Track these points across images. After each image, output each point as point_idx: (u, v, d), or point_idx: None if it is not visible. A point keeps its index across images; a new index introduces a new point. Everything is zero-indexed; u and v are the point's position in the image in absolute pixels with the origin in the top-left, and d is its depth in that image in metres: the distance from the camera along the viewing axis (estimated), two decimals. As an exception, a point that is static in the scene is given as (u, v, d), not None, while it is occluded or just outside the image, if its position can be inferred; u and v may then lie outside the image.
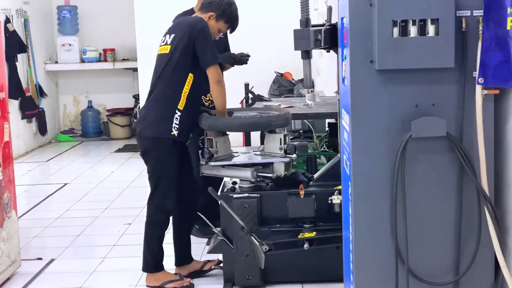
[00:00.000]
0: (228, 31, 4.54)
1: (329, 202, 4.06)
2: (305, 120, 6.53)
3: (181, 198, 4.34)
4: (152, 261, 4.31)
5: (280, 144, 4.21)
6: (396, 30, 2.83)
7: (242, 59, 5.20)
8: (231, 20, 4.36)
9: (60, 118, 11.06)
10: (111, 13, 10.64)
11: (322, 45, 3.95)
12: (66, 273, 4.68)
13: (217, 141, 4.25)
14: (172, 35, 4.22)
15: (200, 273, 4.48)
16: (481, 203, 2.89)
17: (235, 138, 5.65)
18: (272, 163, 4.23)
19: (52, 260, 4.92)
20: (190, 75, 4.13)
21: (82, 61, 10.63)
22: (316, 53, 6.63)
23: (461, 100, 2.89)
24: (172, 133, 4.11)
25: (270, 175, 4.21)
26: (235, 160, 4.31)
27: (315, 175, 4.38)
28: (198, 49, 4.11)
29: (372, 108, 2.92)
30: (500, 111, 2.93)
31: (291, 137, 6.89)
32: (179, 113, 4.11)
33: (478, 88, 2.86)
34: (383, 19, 2.83)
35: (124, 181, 7.40)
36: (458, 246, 2.96)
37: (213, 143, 4.24)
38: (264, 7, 8.82)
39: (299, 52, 4.35)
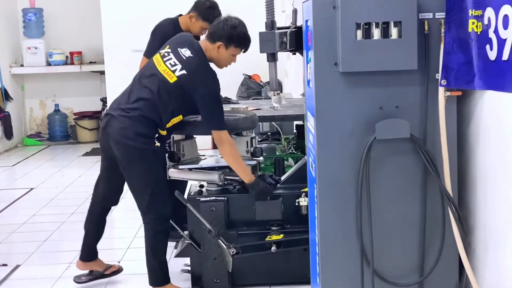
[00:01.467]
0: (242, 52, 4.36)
1: (296, 204, 4.07)
2: (273, 122, 6.55)
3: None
4: (162, 273, 4.15)
5: (247, 147, 4.21)
6: (359, 33, 2.85)
7: None
8: (240, 42, 4.10)
9: (26, 122, 10.94)
10: (77, 16, 10.55)
11: (288, 47, 3.96)
12: (31, 279, 4.62)
13: (184, 144, 4.23)
14: (183, 71, 3.98)
15: (101, 276, 4.48)
16: (445, 204, 2.91)
17: (204, 140, 5.65)
18: None
19: (17, 266, 4.86)
20: (180, 116, 4.06)
21: (49, 64, 10.52)
22: (283, 55, 6.66)
23: (424, 102, 2.92)
24: (156, 144, 4.00)
25: (237, 178, 4.20)
26: (202, 163, 4.29)
27: (282, 178, 4.38)
28: (203, 111, 3.97)
29: (337, 111, 2.93)
30: (463, 112, 2.96)
31: (259, 140, 6.94)
32: (157, 134, 4.01)
33: (441, 90, 2.88)
34: (346, 21, 2.84)
35: (91, 185, 7.11)
36: (422, 247, 2.99)
37: (180, 146, 4.22)
38: (232, 9, 8.81)
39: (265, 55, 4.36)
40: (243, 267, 4.18)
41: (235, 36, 4.06)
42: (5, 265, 4.88)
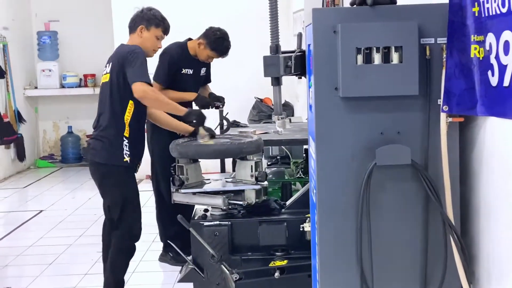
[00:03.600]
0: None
1: (301, 230, 4.02)
2: (282, 146, 6.52)
3: None
4: None
5: (251, 171, 4.18)
6: (360, 58, 2.82)
7: (211, 103, 5.26)
8: (159, 22, 4.49)
9: (39, 143, 10.99)
10: (91, 39, 10.62)
11: (293, 71, 3.94)
12: (35, 303, 4.60)
13: (188, 168, 4.21)
14: (110, 64, 4.25)
15: None
16: (447, 232, 2.86)
17: (213, 164, 5.64)
18: (243, 191, 4.19)
19: (22, 290, 4.85)
20: (131, 102, 4.12)
21: (62, 86, 10.58)
22: (294, 79, 6.64)
23: (426, 127, 2.87)
24: (125, 159, 4.10)
25: (241, 202, 4.17)
26: (206, 188, 4.26)
27: (287, 203, 4.34)
28: (126, 69, 4.11)
29: (337, 136, 2.90)
30: (465, 139, 2.91)
31: (268, 163, 6.91)
32: (126, 141, 4.09)
33: (443, 116, 2.84)
34: (347, 46, 2.81)
35: (101, 207, 7.28)
36: (424, 275, 2.93)
37: (183, 170, 4.20)
38: (244, 33, 8.83)
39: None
40: (246, 293, 4.13)
41: (152, 17, 4.43)
42: (10, 288, 4.87)
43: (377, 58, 2.81)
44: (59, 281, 5.05)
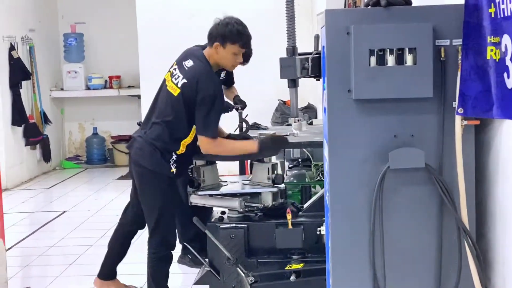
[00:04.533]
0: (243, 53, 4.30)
1: (318, 233, 3.99)
2: (303, 149, 6.47)
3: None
4: None
5: (268, 174, 4.15)
6: (373, 59, 2.78)
7: (231, 107, 5.15)
8: (236, 38, 4.10)
9: (65, 145, 11.07)
10: (116, 41, 10.69)
11: (310, 73, 3.91)
12: (52, 303, 4.63)
13: (205, 170, 4.20)
14: (184, 80, 4.06)
15: None
16: (462, 237, 2.80)
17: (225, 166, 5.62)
18: (260, 193, 4.17)
19: (40, 290, 4.88)
20: (193, 130, 4.06)
21: (88, 88, 10.65)
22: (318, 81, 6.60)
23: (441, 130, 2.82)
24: (172, 170, 4.06)
25: (257, 205, 4.15)
26: (223, 190, 4.25)
27: (305, 205, 4.31)
28: (197, 114, 4.01)
29: (350, 138, 2.86)
30: (481, 142, 2.86)
31: (290, 166, 6.87)
32: (175, 156, 4.05)
33: (458, 118, 2.79)
34: (360, 48, 2.77)
35: (122, 209, 7.33)
36: (438, 280, 2.88)
37: (200, 172, 4.19)
38: (267, 34, 8.81)
39: (302, 80, 4.33)
40: (263, 296, 4.10)
41: (227, 33, 4.09)
42: (29, 288, 4.90)
43: (390, 59, 2.78)
44: (78, 282, 5.07)
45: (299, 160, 6.73)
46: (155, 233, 4.11)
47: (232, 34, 4.10)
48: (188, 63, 4.10)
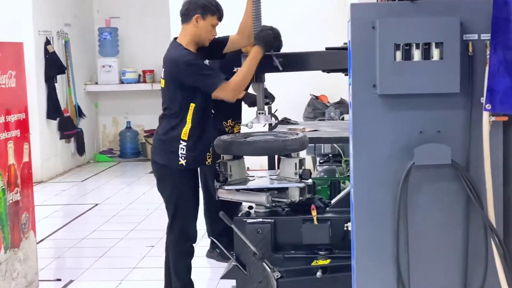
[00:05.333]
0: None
1: (345, 229, 3.95)
2: (334, 144, 6.44)
3: None
4: None
5: (295, 169, 4.12)
6: (399, 54, 2.74)
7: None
8: (215, 9, 4.20)
9: (99, 138, 11.18)
10: (150, 35, 10.74)
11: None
12: (81, 295, 4.68)
13: (231, 165, 4.18)
14: (163, 69, 4.19)
15: None
16: (488, 236, 2.75)
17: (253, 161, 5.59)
18: (287, 188, 4.14)
19: (70, 282, 4.92)
20: (192, 104, 4.07)
21: (122, 82, 10.73)
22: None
23: (468, 127, 2.77)
24: (180, 162, 4.07)
25: (284, 200, 4.12)
26: (250, 184, 4.23)
27: (332, 201, 4.27)
28: (193, 84, 4.04)
29: (375, 134, 2.83)
30: (509, 139, 2.80)
31: (321, 161, 6.84)
32: (184, 143, 4.07)
33: (486, 114, 2.74)
34: (385, 42, 2.74)
35: (154, 202, 7.38)
36: (464, 279, 2.83)
37: (227, 167, 4.18)
38: (300, 29, 8.77)
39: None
40: (289, 291, 4.09)
41: (207, 4, 4.17)
42: (59, 280, 4.95)
43: (416, 54, 2.74)
44: (108, 274, 5.11)
45: (330, 155, 6.70)
46: (174, 226, 4.17)
47: (212, 5, 4.20)
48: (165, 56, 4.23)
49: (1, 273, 4.12)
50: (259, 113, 4.22)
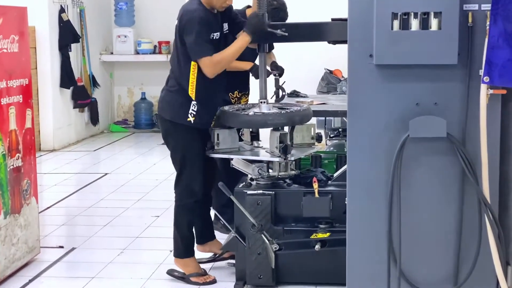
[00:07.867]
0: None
1: (346, 203, 3.90)
2: (344, 118, 6.38)
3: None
4: (183, 246, 4.27)
5: (276, 143, 4.06)
6: (396, 23, 2.68)
7: (267, 73, 4.99)
8: None
9: (114, 108, 11.18)
10: (166, 6, 10.65)
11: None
12: (82, 262, 4.66)
13: (219, 133, 4.17)
14: (176, 22, 4.18)
15: (217, 257, 4.46)
16: (482, 211, 2.70)
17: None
18: (272, 162, 4.11)
19: (73, 249, 4.92)
20: (193, 63, 4.05)
21: (137, 52, 10.69)
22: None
23: (465, 99, 2.72)
24: (188, 119, 4.07)
25: (266, 173, 4.10)
26: (233, 155, 4.21)
27: (335, 175, 4.23)
28: (185, 40, 4.04)
29: (370, 105, 2.78)
30: (507, 112, 2.74)
31: (330, 135, 6.79)
32: (194, 102, 4.07)
33: (483, 87, 2.67)
34: (382, 11, 2.69)
35: (163, 173, 7.37)
36: (457, 253, 2.79)
37: (215, 135, 4.17)
38: (316, 4, 8.67)
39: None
40: (288, 264, 4.06)
41: None
42: (61, 247, 4.95)
43: (414, 24, 2.68)
44: (109, 243, 5.11)
45: (340, 130, 6.65)
46: (179, 182, 4.21)
47: None
48: None
49: (0, 238, 4.12)
50: (261, 102, 4.18)
